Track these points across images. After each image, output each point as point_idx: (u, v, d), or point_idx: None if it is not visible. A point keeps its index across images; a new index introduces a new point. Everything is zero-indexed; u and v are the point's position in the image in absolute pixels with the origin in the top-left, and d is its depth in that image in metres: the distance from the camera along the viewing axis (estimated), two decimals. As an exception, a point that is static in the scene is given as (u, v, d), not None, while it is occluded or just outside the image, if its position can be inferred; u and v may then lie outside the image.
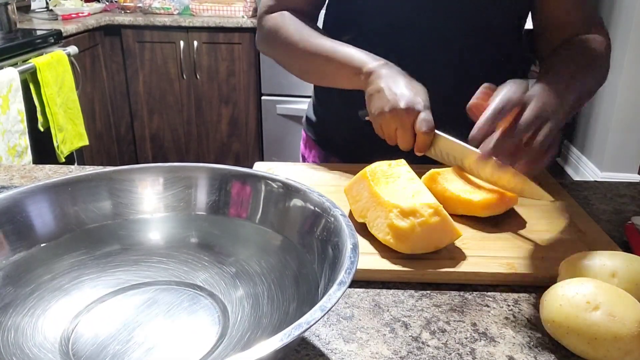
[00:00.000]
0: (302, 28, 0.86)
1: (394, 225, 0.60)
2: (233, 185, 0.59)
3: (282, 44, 0.87)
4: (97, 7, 2.84)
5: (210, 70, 2.77)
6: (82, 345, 0.46)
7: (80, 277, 0.53)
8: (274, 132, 2.82)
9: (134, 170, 0.60)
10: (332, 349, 0.50)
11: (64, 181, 0.57)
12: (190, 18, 2.71)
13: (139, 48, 2.76)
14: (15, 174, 0.88)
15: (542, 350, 0.50)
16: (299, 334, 0.35)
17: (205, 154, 2.95)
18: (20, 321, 0.48)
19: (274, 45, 0.91)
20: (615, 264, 0.52)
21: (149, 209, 0.60)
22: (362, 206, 0.66)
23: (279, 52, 0.91)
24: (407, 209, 0.60)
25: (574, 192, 0.84)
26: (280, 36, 0.87)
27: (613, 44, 0.86)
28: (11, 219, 0.53)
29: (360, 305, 0.56)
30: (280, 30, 0.87)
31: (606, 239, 0.66)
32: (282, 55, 0.90)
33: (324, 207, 0.52)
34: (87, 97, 2.58)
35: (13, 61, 2.00)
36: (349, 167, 0.87)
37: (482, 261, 0.61)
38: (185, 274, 0.55)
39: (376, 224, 0.62)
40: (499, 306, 0.56)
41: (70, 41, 2.37)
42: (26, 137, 2.00)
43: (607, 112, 2.03)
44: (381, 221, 0.61)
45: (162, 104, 2.87)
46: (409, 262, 0.60)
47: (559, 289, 0.49)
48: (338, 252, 0.47)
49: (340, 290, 0.40)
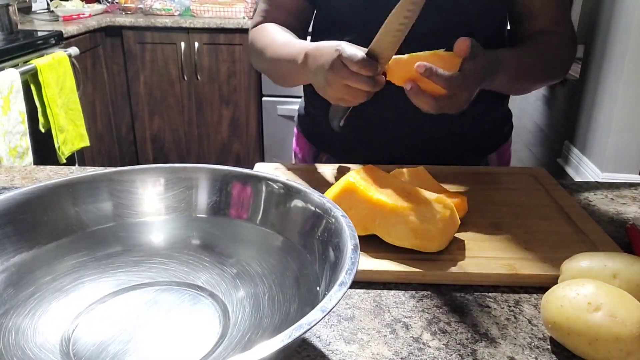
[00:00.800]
0: (269, 35, 0.89)
1: (419, 227, 0.60)
2: (234, 186, 0.60)
3: (257, 55, 0.92)
4: (98, 9, 2.85)
5: (211, 71, 2.77)
6: (83, 346, 0.46)
7: (81, 278, 0.53)
8: (274, 133, 2.82)
9: (134, 171, 0.60)
10: (333, 349, 0.50)
11: (65, 182, 0.57)
12: (191, 19, 2.71)
13: (140, 49, 2.77)
14: (16, 175, 0.88)
15: (543, 352, 0.50)
16: (300, 335, 0.35)
17: (206, 155, 2.95)
18: (21, 322, 0.48)
19: (254, 57, 0.95)
20: (617, 265, 0.52)
21: (149, 210, 0.60)
22: (362, 218, 0.63)
23: (257, 62, 0.95)
24: (423, 208, 0.60)
25: (575, 193, 0.84)
26: (255, 48, 0.92)
27: (614, 45, 0.87)
28: (12, 220, 0.53)
29: (361, 306, 0.56)
30: (254, 42, 0.92)
31: (607, 239, 0.66)
32: (260, 64, 0.94)
33: (325, 208, 0.52)
34: (88, 98, 2.58)
35: (14, 62, 2.01)
36: (353, 168, 0.87)
37: (483, 262, 0.61)
38: (186, 274, 0.55)
39: (395, 231, 0.61)
40: (500, 307, 0.56)
41: (71, 42, 2.38)
42: (27, 138, 2.00)
43: (607, 113, 2.03)
44: (402, 227, 0.60)
45: (163, 105, 2.87)
46: (410, 263, 0.60)
47: (560, 290, 0.49)
48: (339, 252, 0.47)
49: (341, 291, 0.39)
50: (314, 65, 0.74)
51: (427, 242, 0.60)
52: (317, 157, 1.01)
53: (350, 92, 0.71)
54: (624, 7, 1.89)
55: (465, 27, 0.83)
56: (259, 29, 0.93)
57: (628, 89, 1.93)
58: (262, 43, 0.90)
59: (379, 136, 0.91)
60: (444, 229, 0.60)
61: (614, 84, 1.97)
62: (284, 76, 0.88)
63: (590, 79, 2.16)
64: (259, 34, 0.92)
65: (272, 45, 0.87)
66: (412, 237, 0.60)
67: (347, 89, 0.70)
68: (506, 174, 0.87)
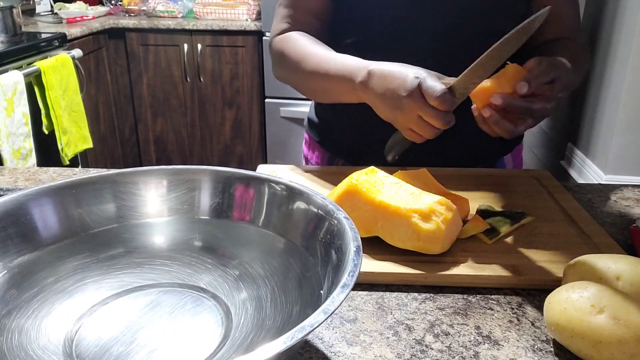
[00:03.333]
0: (305, 47, 0.85)
1: (422, 229, 0.60)
2: (236, 188, 0.60)
3: (288, 67, 0.87)
4: (101, 11, 2.86)
5: (214, 73, 2.78)
6: (86, 347, 0.46)
7: (83, 280, 0.54)
8: (277, 134, 2.82)
9: (137, 173, 0.60)
10: (335, 351, 0.50)
11: (68, 184, 0.57)
12: (194, 21, 2.72)
13: (143, 51, 2.77)
14: (19, 176, 0.88)
15: (546, 354, 0.50)
16: (302, 337, 0.35)
17: (208, 157, 2.96)
18: (24, 323, 0.48)
19: (283, 69, 0.90)
20: (620, 267, 0.52)
21: (152, 212, 0.60)
22: (365, 220, 0.63)
23: (287, 75, 0.90)
24: (426, 210, 0.60)
25: (578, 195, 0.84)
26: (286, 59, 0.87)
27: (617, 46, 0.88)
28: (15, 221, 0.53)
29: (364, 308, 0.56)
30: (284, 53, 0.87)
31: (610, 242, 0.66)
32: (290, 77, 0.90)
33: (327, 210, 0.52)
34: (91, 100, 2.59)
35: (18, 64, 2.01)
36: (352, 169, 0.86)
37: (485, 264, 0.61)
38: (189, 276, 0.55)
39: (398, 233, 0.61)
40: (502, 309, 0.56)
41: (74, 44, 2.39)
42: (31, 140, 2.00)
43: (611, 115, 2.03)
44: (405, 229, 0.60)
45: (166, 107, 2.88)
46: (413, 265, 0.60)
47: (563, 292, 0.49)
48: (341, 254, 0.47)
49: (343, 293, 0.39)
50: (382, 86, 0.71)
51: (430, 244, 0.60)
52: (332, 163, 1.00)
53: (420, 125, 0.69)
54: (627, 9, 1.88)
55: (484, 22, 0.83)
56: (288, 38, 0.88)
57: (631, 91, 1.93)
58: (298, 54, 0.84)
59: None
60: (446, 231, 0.60)
61: (617, 86, 1.96)
62: (327, 91, 0.83)
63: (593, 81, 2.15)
64: (289, 43, 0.87)
65: (312, 58, 0.82)
66: (415, 239, 0.60)
67: (419, 120, 0.69)
68: (509, 176, 0.87)
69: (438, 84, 0.66)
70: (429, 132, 0.69)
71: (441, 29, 0.83)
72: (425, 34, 0.83)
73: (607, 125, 2.07)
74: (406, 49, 0.85)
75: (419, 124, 0.69)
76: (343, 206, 0.65)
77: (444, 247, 0.61)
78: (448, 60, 0.85)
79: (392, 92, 0.70)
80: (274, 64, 0.92)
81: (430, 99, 0.66)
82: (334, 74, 0.79)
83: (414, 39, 0.84)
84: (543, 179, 0.84)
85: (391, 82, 0.70)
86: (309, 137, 1.05)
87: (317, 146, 1.03)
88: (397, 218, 0.61)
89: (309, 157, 1.05)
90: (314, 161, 1.04)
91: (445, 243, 0.61)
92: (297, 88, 0.91)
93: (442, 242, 0.60)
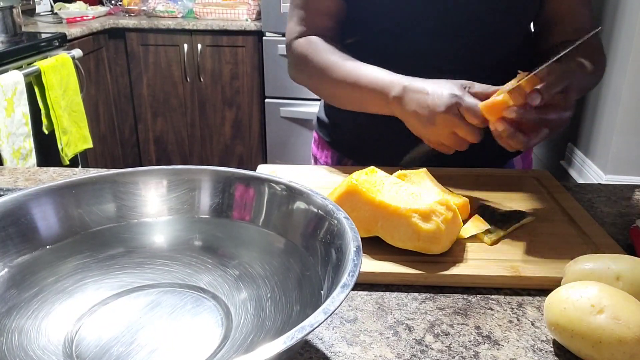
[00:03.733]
0: (330, 54, 0.85)
1: (422, 229, 0.59)
2: (237, 188, 0.60)
3: (311, 71, 0.88)
4: (101, 11, 2.86)
5: (214, 73, 2.78)
6: (86, 348, 0.46)
7: (84, 280, 0.54)
8: (277, 134, 2.82)
9: (137, 173, 0.60)
10: (335, 351, 0.50)
11: (68, 184, 0.57)
12: (194, 21, 2.72)
13: (143, 51, 2.77)
14: (19, 176, 0.88)
15: (546, 354, 0.50)
16: (302, 337, 0.35)
17: (208, 157, 2.96)
18: (24, 323, 0.48)
19: (304, 72, 0.91)
20: (620, 267, 0.52)
21: (152, 212, 0.60)
22: (365, 220, 0.63)
23: (309, 79, 0.91)
24: (426, 210, 0.60)
25: (578, 195, 0.84)
26: (308, 63, 0.87)
27: (617, 46, 0.87)
28: (15, 221, 0.53)
29: (364, 308, 0.56)
30: (308, 57, 0.88)
31: (610, 242, 0.66)
32: (312, 82, 0.90)
33: (327, 210, 0.52)
34: (91, 100, 2.59)
35: (18, 64, 2.01)
36: (354, 169, 0.86)
37: (485, 264, 0.61)
38: (189, 276, 0.55)
39: (398, 233, 0.61)
40: (502, 309, 0.56)
41: (74, 44, 2.39)
42: (31, 140, 2.00)
43: (611, 115, 2.03)
44: (405, 229, 0.60)
45: (166, 107, 2.88)
46: (413, 265, 0.60)
47: (563, 292, 0.49)
48: (341, 254, 0.47)
49: (343, 293, 0.39)
50: (416, 102, 0.72)
51: (430, 244, 0.60)
52: (341, 163, 1.00)
53: (453, 140, 0.71)
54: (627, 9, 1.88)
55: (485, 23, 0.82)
56: (310, 43, 0.88)
57: (631, 91, 1.93)
58: (323, 60, 0.85)
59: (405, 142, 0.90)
60: (446, 231, 0.60)
61: (617, 86, 1.96)
62: (355, 101, 0.84)
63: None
64: (312, 48, 0.87)
65: (340, 67, 0.83)
66: (415, 239, 0.60)
67: (452, 135, 0.70)
68: (509, 176, 0.87)
69: (476, 102, 0.68)
70: (462, 146, 0.71)
71: (442, 29, 0.83)
72: (425, 35, 0.83)
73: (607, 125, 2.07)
74: (406, 49, 0.85)
75: (453, 139, 0.71)
76: (343, 206, 0.65)
77: (444, 247, 0.61)
78: (448, 60, 0.85)
79: (428, 109, 0.71)
80: (291, 66, 0.93)
81: (471, 118, 0.68)
82: (365, 85, 0.79)
83: (414, 39, 0.84)
84: (543, 179, 0.84)
85: (426, 98, 0.71)
86: (318, 136, 1.05)
87: (326, 146, 1.02)
88: (397, 218, 0.61)
89: (318, 157, 1.05)
90: (322, 161, 1.04)
91: (445, 243, 0.61)
92: (317, 92, 0.91)
93: (442, 242, 0.60)
